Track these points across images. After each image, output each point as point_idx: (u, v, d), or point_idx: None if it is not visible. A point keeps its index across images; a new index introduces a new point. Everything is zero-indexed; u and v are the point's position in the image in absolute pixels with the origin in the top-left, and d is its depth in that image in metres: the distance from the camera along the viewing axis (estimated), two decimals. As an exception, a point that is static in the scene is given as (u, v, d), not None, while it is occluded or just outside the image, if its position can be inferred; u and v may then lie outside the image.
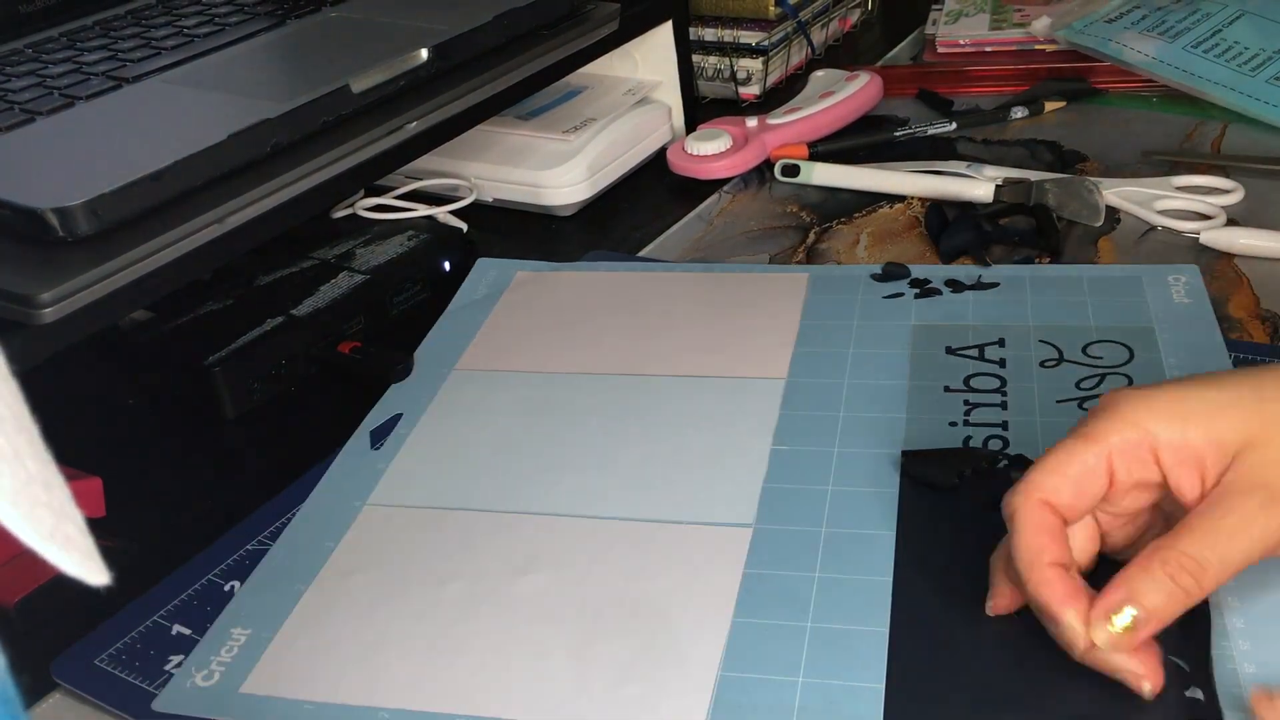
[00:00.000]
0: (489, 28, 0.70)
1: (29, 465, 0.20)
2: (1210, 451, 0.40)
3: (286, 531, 0.54)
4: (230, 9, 0.76)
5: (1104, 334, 0.59)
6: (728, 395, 0.59)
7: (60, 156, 0.58)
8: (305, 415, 0.64)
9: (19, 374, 0.21)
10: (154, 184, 0.53)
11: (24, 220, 0.51)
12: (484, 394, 0.62)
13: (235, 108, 0.60)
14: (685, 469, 0.55)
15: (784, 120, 0.86)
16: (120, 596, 0.51)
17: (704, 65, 0.96)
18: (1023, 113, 0.87)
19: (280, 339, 0.65)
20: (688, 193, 0.83)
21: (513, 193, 0.83)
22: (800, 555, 0.49)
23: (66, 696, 0.48)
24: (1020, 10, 1.00)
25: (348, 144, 0.61)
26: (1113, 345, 0.58)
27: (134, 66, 0.67)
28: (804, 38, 1.00)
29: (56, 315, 0.49)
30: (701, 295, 0.69)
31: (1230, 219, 0.69)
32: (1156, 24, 0.90)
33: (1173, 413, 0.40)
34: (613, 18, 0.78)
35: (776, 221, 0.78)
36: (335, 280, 0.70)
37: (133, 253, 0.52)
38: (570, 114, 0.85)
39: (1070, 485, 0.41)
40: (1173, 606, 0.38)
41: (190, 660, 0.47)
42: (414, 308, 0.72)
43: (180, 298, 0.67)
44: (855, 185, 0.80)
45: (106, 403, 0.67)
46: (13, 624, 0.51)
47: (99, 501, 0.54)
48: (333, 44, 0.71)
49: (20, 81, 0.66)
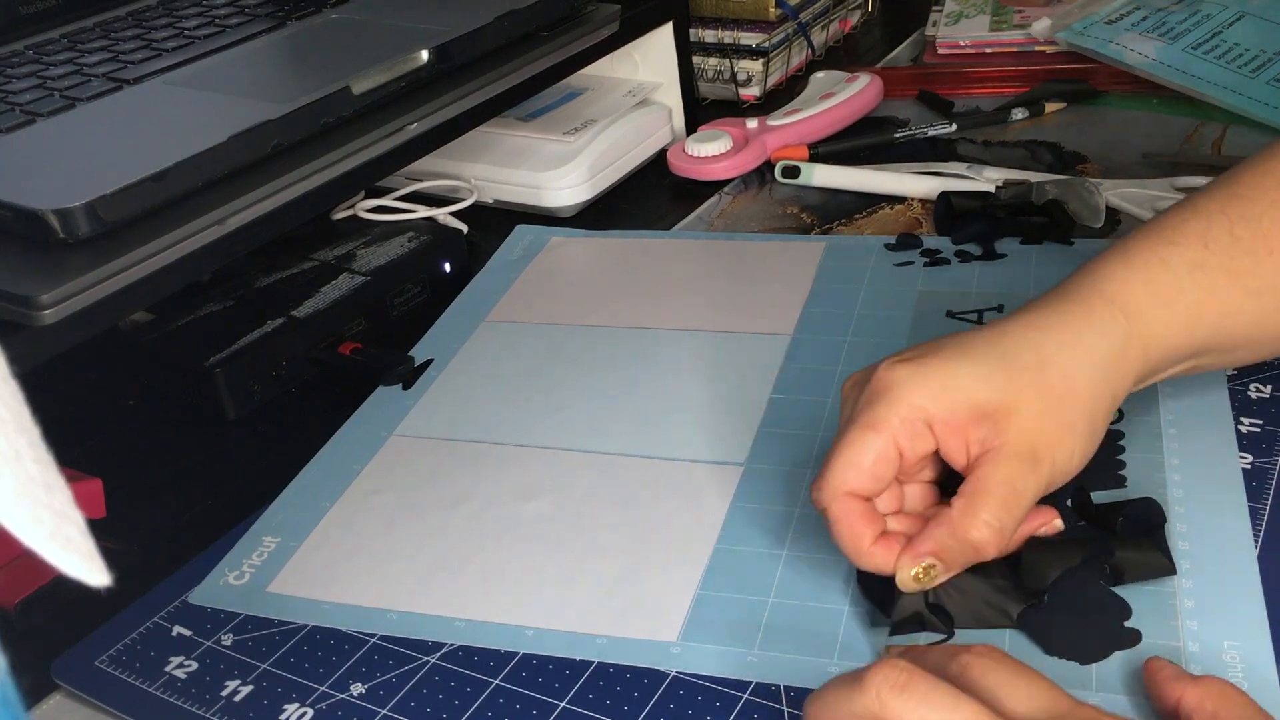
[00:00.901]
0: (490, 29, 0.70)
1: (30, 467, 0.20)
2: (973, 423, 0.44)
3: (318, 455, 0.59)
4: (231, 10, 0.76)
5: None
6: (735, 348, 0.63)
7: (61, 158, 0.58)
8: (306, 416, 0.64)
9: (20, 375, 0.21)
10: (155, 185, 0.53)
11: (25, 221, 0.51)
12: (508, 343, 0.67)
13: (236, 109, 0.60)
14: (687, 412, 0.59)
15: (784, 122, 0.86)
16: (120, 598, 0.51)
17: (704, 67, 0.96)
18: (1023, 114, 0.87)
19: (281, 340, 0.65)
20: (688, 194, 0.83)
21: (513, 194, 0.83)
22: (786, 491, 0.52)
23: (67, 698, 0.48)
24: (1020, 12, 1.00)
25: (348, 145, 0.61)
26: None
27: (135, 68, 0.67)
28: (804, 39, 1.00)
29: (57, 317, 0.49)
30: (722, 260, 0.73)
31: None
32: (1157, 25, 0.90)
33: (942, 388, 0.44)
34: (613, 19, 0.78)
35: (777, 223, 0.78)
36: (336, 281, 0.70)
37: (133, 254, 0.52)
38: (571, 115, 0.85)
39: (867, 475, 0.44)
40: (961, 559, 0.43)
41: (224, 562, 0.53)
42: (414, 309, 0.72)
43: (181, 299, 0.67)
44: (856, 186, 0.80)
45: (107, 404, 0.67)
46: (13, 625, 0.51)
47: (99, 503, 0.54)
48: (333, 45, 0.71)
49: (21, 83, 0.66)
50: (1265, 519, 0.48)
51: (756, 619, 0.46)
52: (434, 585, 0.50)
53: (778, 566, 0.49)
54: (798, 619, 0.46)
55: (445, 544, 0.52)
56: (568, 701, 0.44)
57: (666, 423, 0.58)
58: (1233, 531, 0.47)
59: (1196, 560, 0.46)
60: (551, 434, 0.58)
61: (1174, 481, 0.49)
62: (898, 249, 0.70)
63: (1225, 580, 0.45)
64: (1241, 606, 0.43)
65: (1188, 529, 0.47)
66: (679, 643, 0.46)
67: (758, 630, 0.46)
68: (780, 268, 0.70)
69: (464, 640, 0.47)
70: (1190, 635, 0.43)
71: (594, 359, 0.64)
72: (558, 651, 0.46)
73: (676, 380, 0.61)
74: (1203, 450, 0.51)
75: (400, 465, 0.58)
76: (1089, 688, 0.41)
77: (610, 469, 0.56)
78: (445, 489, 0.56)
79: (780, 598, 0.47)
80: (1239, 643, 0.42)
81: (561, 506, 0.54)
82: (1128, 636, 0.43)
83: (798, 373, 0.60)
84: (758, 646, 0.45)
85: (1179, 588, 0.44)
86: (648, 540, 0.51)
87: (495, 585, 0.50)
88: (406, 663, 0.47)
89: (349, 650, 0.48)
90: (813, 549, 0.49)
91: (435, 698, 0.45)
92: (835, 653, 0.44)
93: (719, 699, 0.43)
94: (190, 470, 0.61)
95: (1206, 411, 0.53)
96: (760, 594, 0.47)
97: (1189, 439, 0.52)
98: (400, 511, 0.55)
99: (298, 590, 0.51)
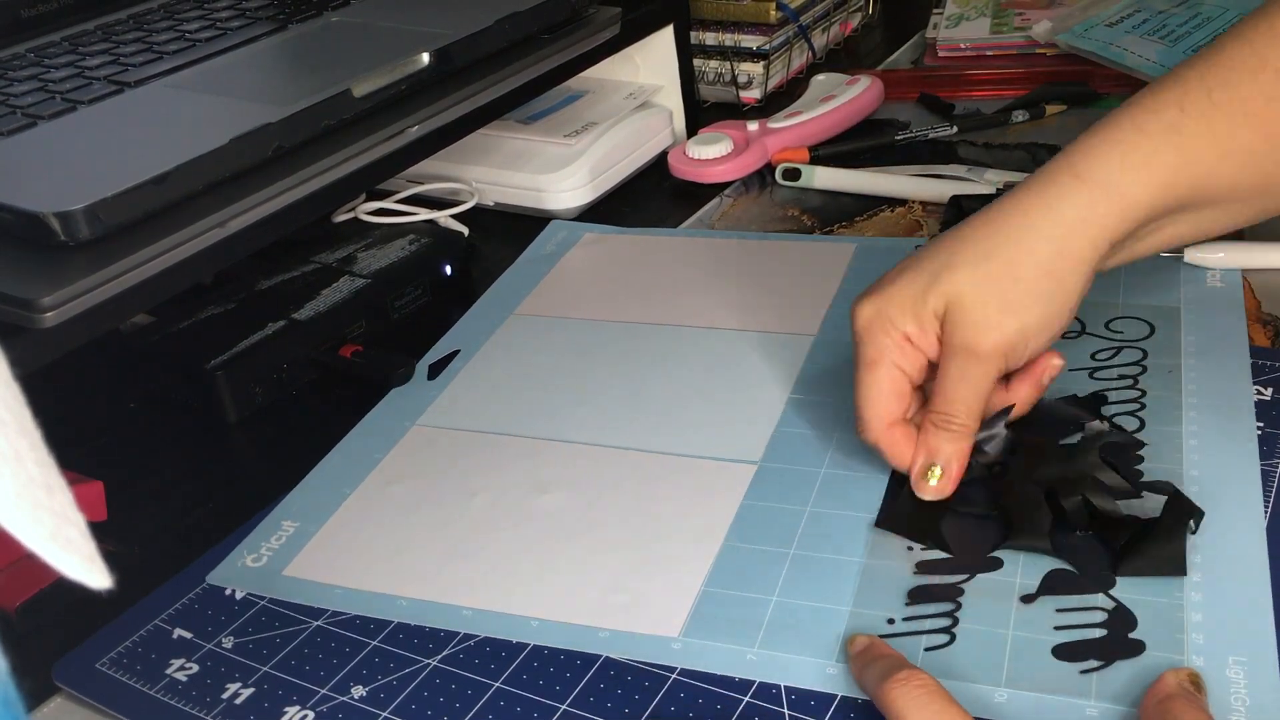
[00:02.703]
0: (490, 32, 0.70)
1: (31, 469, 0.20)
2: (934, 326, 0.49)
3: (342, 443, 0.60)
4: (232, 13, 0.76)
5: (1130, 310, 0.61)
6: (757, 348, 0.64)
7: (62, 161, 0.58)
8: (307, 419, 0.64)
9: (21, 378, 0.21)
10: (156, 188, 0.53)
11: (26, 224, 0.51)
12: (534, 337, 0.67)
13: (237, 112, 0.60)
14: (704, 410, 0.59)
15: (785, 124, 0.86)
16: (122, 600, 0.51)
17: (705, 69, 0.96)
18: (1024, 116, 0.87)
19: (282, 343, 0.65)
20: (689, 197, 0.83)
21: (514, 196, 0.83)
22: (797, 491, 0.53)
23: (68, 700, 0.48)
24: (1021, 14, 1.00)
25: (349, 148, 0.61)
26: (1135, 321, 0.60)
27: (136, 71, 0.67)
28: (805, 42, 1.00)
29: (58, 319, 0.49)
30: (751, 259, 0.73)
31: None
32: (1157, 28, 0.90)
33: (900, 307, 0.49)
34: (614, 22, 0.78)
35: (778, 225, 0.78)
36: (337, 284, 0.70)
37: (134, 257, 0.52)
38: (571, 118, 0.85)
39: (894, 401, 0.50)
40: (955, 447, 0.49)
41: (244, 545, 0.54)
42: (415, 312, 0.72)
43: (182, 302, 0.67)
44: (856, 189, 0.80)
45: (108, 406, 0.67)
46: (14, 628, 0.51)
47: (100, 505, 0.54)
48: (334, 48, 0.71)
49: (22, 86, 0.66)
50: (1266, 520, 0.47)
51: (759, 617, 0.46)
52: (445, 574, 0.51)
53: (784, 566, 0.49)
54: (801, 619, 0.46)
55: (458, 533, 0.53)
56: (569, 704, 0.44)
57: (684, 419, 0.59)
58: (1246, 545, 0.46)
59: (1208, 573, 0.45)
60: (570, 428, 0.59)
61: (1192, 493, 0.48)
62: None
63: (1235, 594, 0.44)
64: (1249, 621, 0.43)
65: (1201, 541, 0.46)
66: (680, 638, 0.46)
67: (760, 629, 0.46)
68: (808, 268, 0.70)
69: (470, 628, 0.47)
70: (1195, 648, 0.42)
71: (617, 354, 0.65)
72: (561, 643, 0.46)
73: (697, 378, 0.62)
74: (1224, 462, 0.50)
75: (421, 455, 0.59)
76: (1088, 696, 0.41)
77: (625, 464, 0.56)
78: (463, 480, 0.56)
79: (784, 597, 0.47)
80: (1244, 657, 0.41)
81: (575, 500, 0.54)
82: (1131, 647, 0.43)
83: (818, 373, 0.60)
84: (759, 645, 0.45)
85: (1187, 600, 0.44)
86: (657, 535, 0.51)
87: (504, 575, 0.50)
88: (407, 665, 0.47)
89: (350, 653, 0.48)
90: (820, 548, 0.49)
91: (436, 700, 0.45)
92: (836, 654, 0.44)
93: (720, 701, 0.43)
94: (191, 472, 0.61)
95: (1229, 424, 0.52)
96: (765, 592, 0.47)
97: (1210, 451, 0.51)
98: (417, 500, 0.55)
99: (312, 574, 0.52)
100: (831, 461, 0.54)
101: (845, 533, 0.50)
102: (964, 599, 0.46)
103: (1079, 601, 0.45)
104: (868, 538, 0.49)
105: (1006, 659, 0.43)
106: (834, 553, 0.49)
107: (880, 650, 0.43)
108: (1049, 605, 0.45)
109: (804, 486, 0.53)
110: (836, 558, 0.48)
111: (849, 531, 0.50)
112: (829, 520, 0.51)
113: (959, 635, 0.44)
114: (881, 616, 0.45)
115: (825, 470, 0.54)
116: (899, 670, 0.40)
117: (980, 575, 0.46)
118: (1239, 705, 0.40)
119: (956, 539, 0.48)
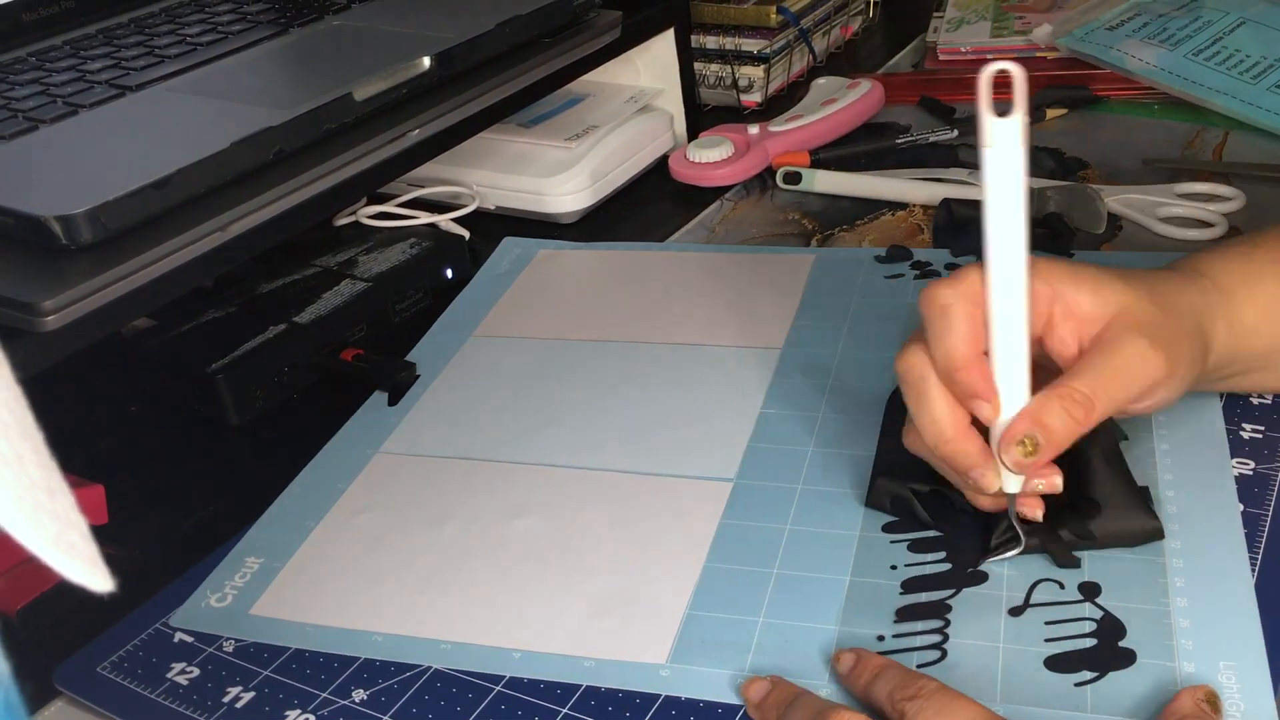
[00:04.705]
0: (491, 36, 0.70)
1: (32, 472, 0.20)
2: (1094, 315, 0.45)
3: (301, 474, 0.58)
4: (233, 17, 0.76)
5: None
6: (724, 362, 0.63)
7: (63, 164, 0.58)
8: (308, 422, 0.64)
9: (22, 381, 0.21)
10: (157, 192, 0.53)
11: (27, 228, 0.51)
12: (495, 358, 0.66)
13: (238, 115, 0.60)
14: (675, 428, 0.58)
15: (786, 127, 0.86)
16: (123, 604, 0.51)
17: (706, 73, 0.96)
18: (1024, 120, 0.87)
19: (283, 346, 0.65)
20: (690, 200, 0.83)
21: (515, 200, 0.83)
22: (775, 508, 0.52)
23: (69, 704, 0.48)
24: (1021, 18, 1.00)
25: (350, 152, 0.61)
26: None
27: (137, 74, 0.67)
28: (806, 45, 1.00)
29: (59, 323, 0.49)
30: (710, 273, 0.72)
31: (1232, 226, 0.69)
32: (1158, 32, 0.90)
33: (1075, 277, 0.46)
34: (614, 25, 0.78)
35: (778, 229, 0.78)
36: (338, 288, 0.70)
37: (135, 260, 0.52)
38: (572, 121, 0.85)
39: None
40: (1066, 431, 0.44)
41: (206, 584, 0.52)
42: (416, 315, 0.72)
43: (183, 305, 0.67)
44: (857, 192, 0.80)
45: (109, 410, 0.67)
46: (15, 631, 0.51)
47: (102, 508, 0.54)
48: (335, 52, 0.71)
49: (24, 89, 0.66)
50: (1267, 525, 0.47)
51: (747, 639, 0.45)
52: (419, 607, 0.49)
53: (768, 585, 0.48)
54: (789, 639, 0.45)
55: (431, 564, 0.51)
56: (569, 708, 0.44)
57: (655, 438, 0.57)
58: (1228, 550, 0.46)
59: (1191, 579, 0.45)
60: (539, 450, 0.58)
61: (1168, 498, 0.49)
62: (887, 261, 0.70)
63: (1221, 599, 0.44)
64: (1237, 625, 0.43)
65: (1182, 546, 0.47)
66: (668, 664, 0.45)
67: (748, 651, 0.45)
68: (769, 281, 0.70)
69: (449, 664, 0.46)
70: (1185, 655, 0.42)
71: (582, 374, 0.63)
72: (545, 675, 0.45)
73: (665, 395, 0.61)
74: (1198, 469, 0.50)
75: (385, 483, 0.57)
76: (1084, 710, 0.41)
77: (598, 485, 0.55)
78: (431, 507, 0.55)
79: (771, 617, 0.46)
80: (1235, 662, 0.42)
81: (548, 524, 0.53)
82: (1123, 656, 0.42)
83: (788, 387, 0.60)
84: (749, 668, 0.44)
85: (1174, 607, 0.44)
86: (636, 559, 0.50)
87: (482, 606, 0.49)
88: (408, 669, 0.46)
89: (351, 656, 0.48)
90: (804, 567, 0.48)
91: (437, 704, 0.45)
92: (827, 674, 0.44)
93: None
94: (192, 476, 0.61)
95: (1200, 430, 0.53)
96: (751, 614, 0.47)
97: (1183, 457, 0.51)
98: (385, 530, 0.54)
99: (281, 613, 0.50)
100: (808, 477, 0.53)
101: (828, 550, 0.49)
102: (952, 615, 0.45)
103: (1068, 613, 0.45)
104: (851, 555, 0.49)
105: (1000, 673, 0.43)
106: (818, 571, 0.48)
107: (875, 662, 0.42)
108: (1038, 616, 0.45)
109: (782, 503, 0.52)
110: (821, 576, 0.48)
111: (832, 549, 0.49)
112: (810, 538, 0.50)
113: (950, 651, 0.44)
114: (871, 634, 0.45)
115: (802, 486, 0.53)
116: (909, 685, 0.39)
117: (967, 589, 0.46)
118: (1234, 710, 0.40)
119: (937, 512, 0.49)
